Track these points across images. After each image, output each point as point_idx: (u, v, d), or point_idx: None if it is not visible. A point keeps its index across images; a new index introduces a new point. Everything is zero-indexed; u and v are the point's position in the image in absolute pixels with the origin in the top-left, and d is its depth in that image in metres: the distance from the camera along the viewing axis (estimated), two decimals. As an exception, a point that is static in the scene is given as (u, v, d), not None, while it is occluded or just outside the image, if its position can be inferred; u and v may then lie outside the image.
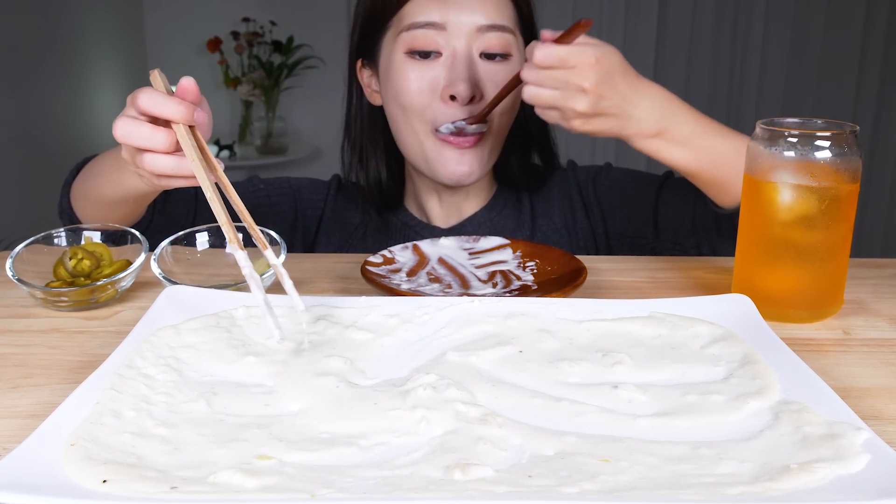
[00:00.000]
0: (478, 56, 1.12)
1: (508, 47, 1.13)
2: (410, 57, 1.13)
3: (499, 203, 1.28)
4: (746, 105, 4.08)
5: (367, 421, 0.60)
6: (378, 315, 0.78)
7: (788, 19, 4.00)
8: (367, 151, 1.26)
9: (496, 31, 1.12)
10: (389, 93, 1.17)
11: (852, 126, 0.80)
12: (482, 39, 1.12)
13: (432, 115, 1.13)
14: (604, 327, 0.76)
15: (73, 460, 0.52)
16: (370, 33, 1.19)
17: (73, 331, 0.81)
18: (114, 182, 0.99)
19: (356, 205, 1.30)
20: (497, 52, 1.13)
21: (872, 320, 0.86)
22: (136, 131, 0.80)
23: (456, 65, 1.11)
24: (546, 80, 0.91)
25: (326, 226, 1.29)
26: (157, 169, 0.81)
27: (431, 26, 1.11)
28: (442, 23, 1.11)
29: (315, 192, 1.31)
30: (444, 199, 1.26)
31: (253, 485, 0.50)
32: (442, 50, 1.12)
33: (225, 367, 0.69)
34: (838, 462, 0.52)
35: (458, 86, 1.10)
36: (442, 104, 1.12)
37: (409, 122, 1.15)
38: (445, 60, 1.12)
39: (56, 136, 3.15)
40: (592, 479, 0.52)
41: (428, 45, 1.11)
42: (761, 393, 0.63)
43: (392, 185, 1.27)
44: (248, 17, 3.94)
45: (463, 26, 1.11)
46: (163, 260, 0.90)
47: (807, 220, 0.81)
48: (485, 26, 1.11)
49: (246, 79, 3.93)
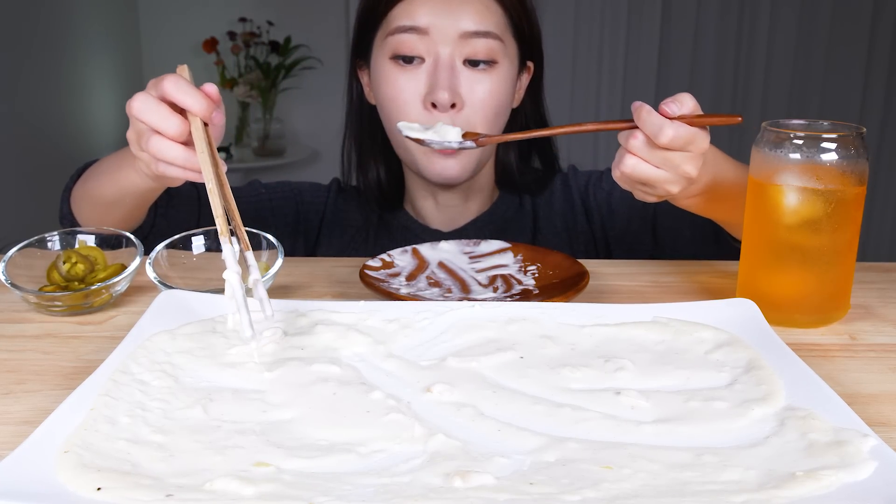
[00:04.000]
0: (461, 63, 1.11)
1: (494, 54, 1.12)
2: (395, 62, 1.12)
3: (500, 206, 1.27)
4: (751, 105, 4.08)
5: (365, 428, 0.59)
6: (377, 320, 0.77)
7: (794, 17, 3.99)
8: (366, 150, 1.26)
9: (481, 38, 1.10)
10: (377, 96, 1.17)
11: (859, 128, 0.79)
12: (466, 45, 1.10)
13: (416, 121, 1.12)
14: (606, 332, 0.76)
15: (67, 467, 0.51)
16: (364, 34, 1.19)
17: (67, 336, 0.80)
18: (113, 181, 0.98)
19: (356, 207, 1.29)
20: (481, 58, 1.11)
21: (879, 325, 0.85)
22: (153, 109, 0.80)
23: (437, 72, 1.10)
24: (656, 159, 0.82)
25: (328, 229, 1.29)
26: (162, 153, 0.81)
27: (415, 31, 1.10)
28: (425, 28, 1.10)
29: (316, 195, 1.31)
30: (441, 201, 1.25)
31: (250, 492, 0.50)
32: (424, 56, 1.11)
33: (221, 372, 0.68)
34: (845, 469, 0.52)
35: (438, 93, 1.09)
36: (424, 112, 1.11)
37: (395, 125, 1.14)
38: (428, 67, 1.11)
39: (51, 137, 3.14)
40: (595, 487, 0.51)
41: (411, 50, 1.11)
42: (766, 399, 0.63)
43: (392, 184, 1.27)
44: (245, 17, 3.94)
45: (446, 32, 1.10)
46: (158, 264, 0.89)
47: (813, 224, 0.80)
48: (469, 32, 1.10)
49: (243, 80, 3.92)
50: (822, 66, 4.05)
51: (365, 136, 1.26)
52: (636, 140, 0.82)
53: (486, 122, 1.13)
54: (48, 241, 0.91)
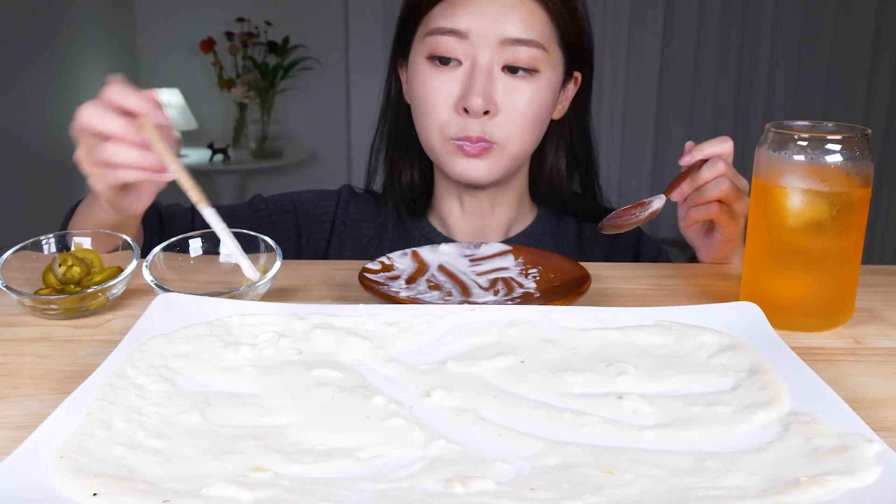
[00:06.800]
0: (500, 69, 1.09)
1: (536, 62, 1.09)
2: (431, 63, 1.11)
3: (536, 228, 1.26)
4: (755, 106, 4.09)
5: (364, 433, 0.59)
6: (376, 323, 0.77)
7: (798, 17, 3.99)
8: (401, 150, 1.24)
9: (523, 46, 1.08)
10: (412, 95, 1.16)
11: (863, 129, 0.79)
12: (506, 52, 1.08)
13: (446, 124, 1.11)
14: (608, 336, 0.75)
15: (62, 473, 0.51)
16: (405, 31, 1.18)
17: (63, 339, 0.79)
18: (90, 220, 0.99)
19: (370, 214, 1.28)
20: (521, 66, 1.09)
21: (885, 329, 0.84)
22: (102, 115, 0.81)
23: (473, 76, 1.08)
24: (731, 174, 0.98)
25: (338, 239, 1.27)
26: (119, 157, 0.81)
27: (453, 33, 1.08)
28: (464, 31, 1.08)
29: (321, 204, 1.29)
30: (467, 208, 1.23)
31: (248, 498, 0.49)
32: (462, 59, 1.09)
33: (219, 376, 0.67)
34: (849, 475, 0.51)
35: (471, 99, 1.07)
36: (456, 115, 1.10)
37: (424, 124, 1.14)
38: (465, 70, 1.09)
39: (46, 139, 3.14)
40: (596, 492, 0.51)
41: (448, 52, 1.09)
42: (770, 403, 0.62)
43: (423, 188, 1.25)
44: (243, 18, 3.94)
45: (486, 37, 1.07)
46: (155, 267, 0.88)
47: (817, 226, 0.80)
48: (511, 39, 1.07)
49: (240, 80, 3.92)
50: (826, 67, 4.06)
51: (401, 136, 1.24)
52: (722, 164, 0.98)
53: (520, 132, 1.11)
54: (44, 244, 0.90)
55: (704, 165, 0.99)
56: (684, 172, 1.00)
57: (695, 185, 0.99)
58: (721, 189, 0.98)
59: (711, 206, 1.00)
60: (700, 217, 1.01)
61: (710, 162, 0.98)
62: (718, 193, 0.98)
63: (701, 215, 1.01)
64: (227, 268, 0.89)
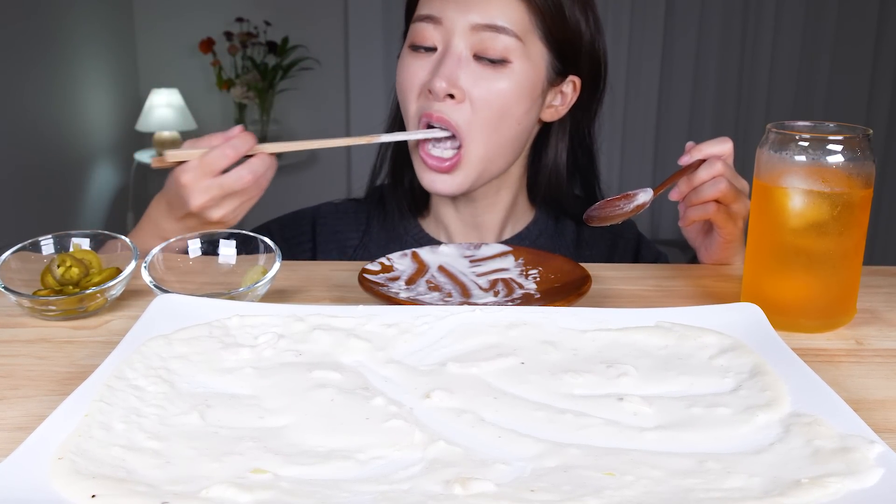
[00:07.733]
0: (471, 56, 1.08)
1: (507, 52, 1.07)
2: (412, 50, 1.12)
3: (533, 230, 1.25)
4: (756, 107, 4.08)
5: (364, 434, 0.59)
6: (376, 325, 0.77)
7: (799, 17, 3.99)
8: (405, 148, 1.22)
9: (492, 32, 1.07)
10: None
11: (865, 129, 0.78)
12: (476, 39, 1.07)
13: (414, 109, 1.11)
14: (609, 337, 0.75)
15: (60, 474, 0.51)
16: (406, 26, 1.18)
17: (62, 341, 0.79)
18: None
19: (353, 223, 1.27)
20: (490, 56, 1.07)
21: (886, 330, 0.84)
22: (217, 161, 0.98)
23: (442, 61, 1.08)
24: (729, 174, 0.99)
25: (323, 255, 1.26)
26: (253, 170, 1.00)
27: (430, 19, 1.09)
28: (439, 17, 1.09)
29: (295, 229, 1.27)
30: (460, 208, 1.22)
31: (247, 500, 0.49)
32: (438, 45, 1.10)
33: (218, 378, 0.67)
34: (851, 476, 0.51)
35: (435, 81, 1.06)
36: (419, 97, 1.10)
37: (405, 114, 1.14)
38: (437, 56, 1.10)
39: (45, 139, 3.14)
40: (597, 494, 0.51)
41: (425, 39, 1.10)
42: (771, 405, 0.62)
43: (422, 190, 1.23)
44: (242, 18, 3.94)
45: (458, 21, 1.08)
46: (154, 267, 0.88)
47: (818, 227, 0.80)
48: (479, 25, 1.07)
49: (240, 81, 3.92)
50: (827, 67, 4.06)
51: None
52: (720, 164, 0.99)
53: (484, 123, 1.09)
54: (42, 245, 0.90)
55: (702, 165, 0.99)
56: (679, 171, 1.00)
57: (692, 184, 0.99)
58: (718, 189, 0.98)
59: (709, 206, 1.00)
60: (697, 217, 1.01)
61: (708, 162, 0.98)
62: (716, 193, 0.98)
63: (698, 215, 1.01)
64: (226, 269, 0.89)
